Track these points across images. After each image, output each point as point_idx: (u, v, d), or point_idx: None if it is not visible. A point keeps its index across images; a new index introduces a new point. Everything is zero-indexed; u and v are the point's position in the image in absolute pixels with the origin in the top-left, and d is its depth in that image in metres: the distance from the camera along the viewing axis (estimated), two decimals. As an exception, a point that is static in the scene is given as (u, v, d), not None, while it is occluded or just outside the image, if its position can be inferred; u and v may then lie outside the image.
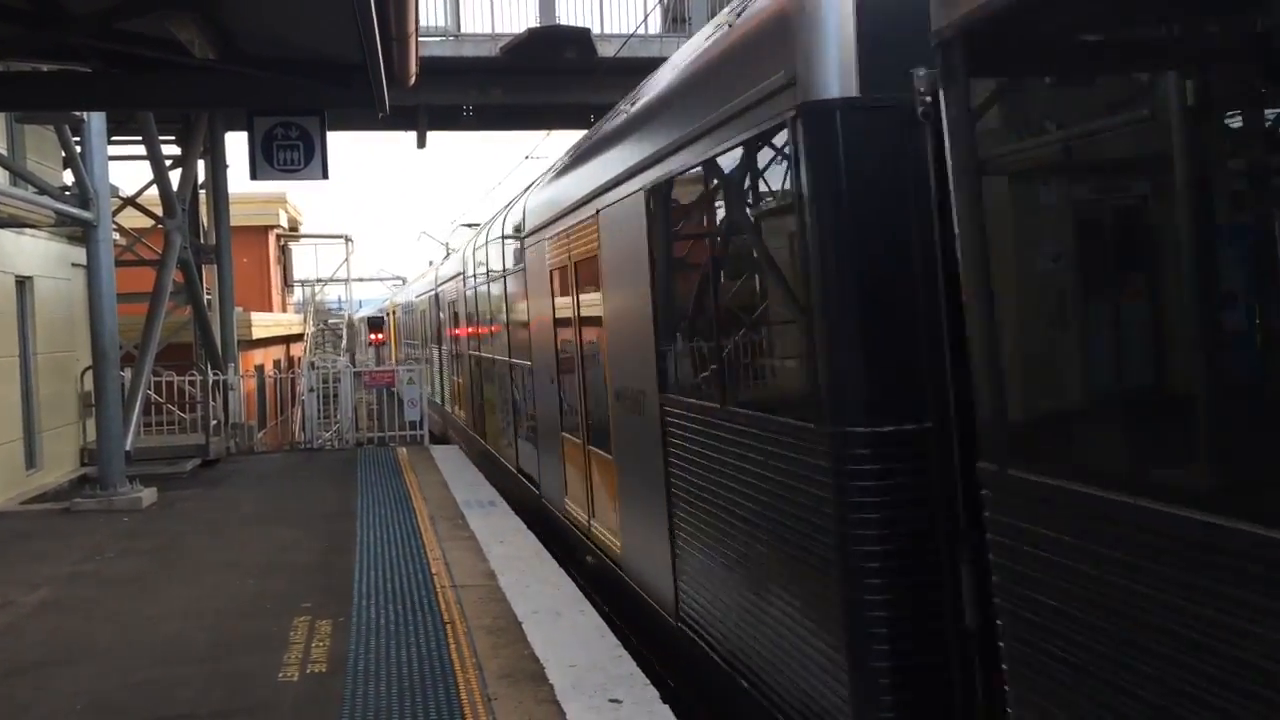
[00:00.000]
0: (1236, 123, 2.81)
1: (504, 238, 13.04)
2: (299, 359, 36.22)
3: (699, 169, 5.83)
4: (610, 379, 7.82)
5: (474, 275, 16.50)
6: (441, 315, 22.43)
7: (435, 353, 24.54)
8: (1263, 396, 2.59)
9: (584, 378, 8.95)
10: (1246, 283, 2.69)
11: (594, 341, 8.53)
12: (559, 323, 9.79)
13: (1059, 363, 3.50)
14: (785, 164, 4.61)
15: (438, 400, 23.97)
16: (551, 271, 9.76)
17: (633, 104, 7.59)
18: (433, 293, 24.47)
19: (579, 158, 9.12)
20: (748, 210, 5.53)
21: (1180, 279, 2.83)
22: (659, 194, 6.58)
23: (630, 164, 7.04)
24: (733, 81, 5.11)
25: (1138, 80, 3.15)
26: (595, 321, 8.37)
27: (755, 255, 5.42)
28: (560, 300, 9.63)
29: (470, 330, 17.52)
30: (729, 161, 5.41)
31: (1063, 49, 3.28)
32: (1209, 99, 2.75)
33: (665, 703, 5.78)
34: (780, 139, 4.65)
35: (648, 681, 6.08)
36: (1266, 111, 2.65)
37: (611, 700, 5.78)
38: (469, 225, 29.71)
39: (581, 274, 8.74)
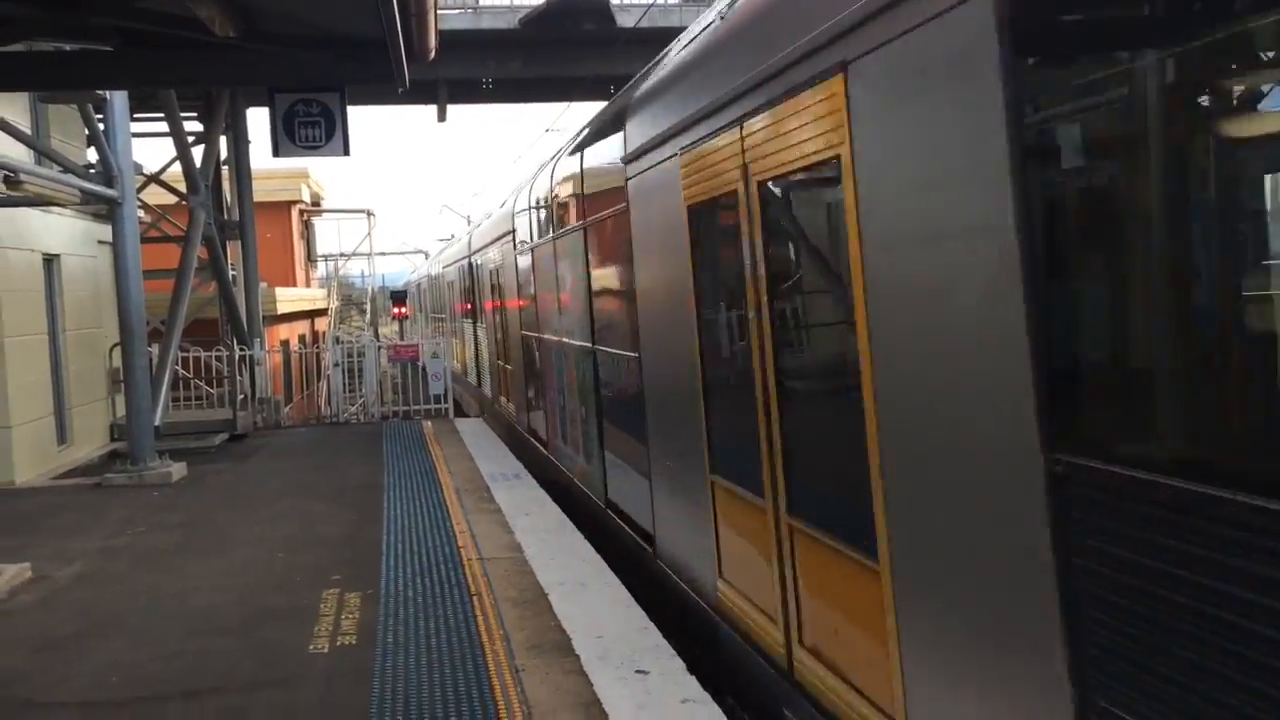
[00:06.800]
0: None
1: (581, 175, 9.75)
2: (323, 333, 36.43)
3: None
4: (875, 402, 4.01)
5: (531, 232, 13.14)
6: (480, 287, 19.88)
7: (472, 331, 21.86)
8: None
9: (771, 386, 5.14)
10: None
11: (803, 320, 5.05)
12: (704, 289, 6.28)
13: None
14: None
15: (474, 383, 22.15)
16: (690, 209, 6.24)
17: None
18: (466, 260, 21.92)
19: None
20: None
21: None
22: None
23: None
24: None
25: None
26: (804, 285, 4.97)
27: None
28: (705, 252, 6.24)
29: (524, 304, 14.28)
30: None
31: None
32: None
33: (692, 674, 5.82)
34: None
35: (674, 653, 6.12)
36: None
37: (639, 671, 5.83)
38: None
39: (770, 201, 5.11)
